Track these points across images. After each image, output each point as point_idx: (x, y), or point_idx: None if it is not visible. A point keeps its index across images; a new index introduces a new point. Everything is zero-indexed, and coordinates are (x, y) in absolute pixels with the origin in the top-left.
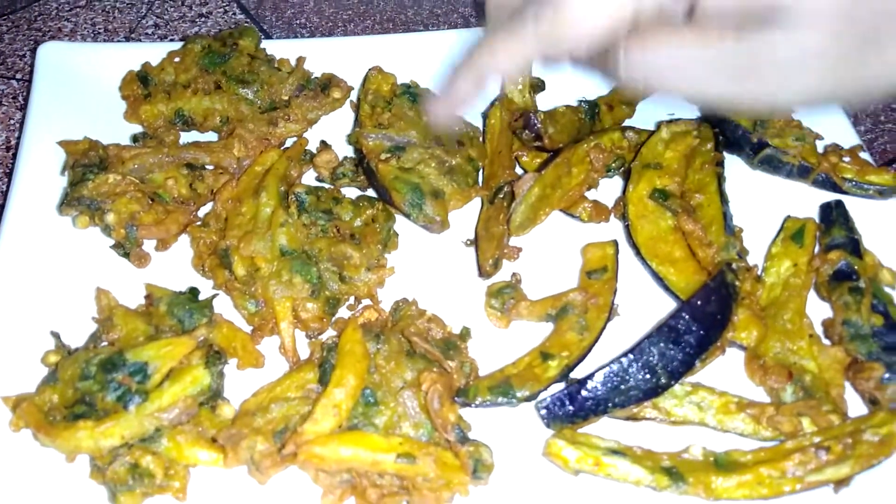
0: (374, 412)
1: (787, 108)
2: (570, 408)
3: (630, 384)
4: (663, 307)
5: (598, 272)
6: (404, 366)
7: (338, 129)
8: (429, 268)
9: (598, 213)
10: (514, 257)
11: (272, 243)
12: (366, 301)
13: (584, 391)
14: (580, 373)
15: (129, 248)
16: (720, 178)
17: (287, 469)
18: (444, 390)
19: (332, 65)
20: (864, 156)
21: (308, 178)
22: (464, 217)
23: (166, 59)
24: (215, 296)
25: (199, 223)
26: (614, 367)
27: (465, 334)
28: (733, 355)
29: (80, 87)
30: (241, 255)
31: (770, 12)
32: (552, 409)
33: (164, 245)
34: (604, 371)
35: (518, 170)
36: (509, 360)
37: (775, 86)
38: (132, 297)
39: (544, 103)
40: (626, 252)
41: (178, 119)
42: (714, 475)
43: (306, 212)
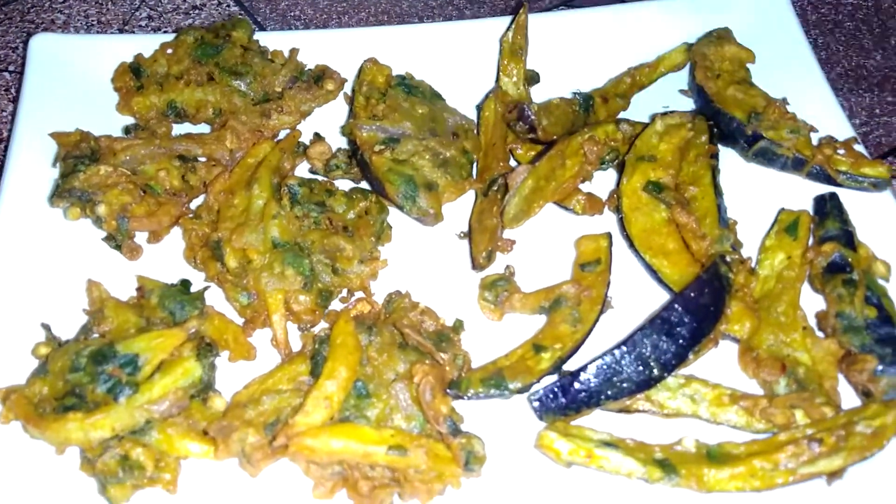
0: (366, 404)
1: None
2: (563, 400)
3: (623, 376)
4: (657, 300)
5: (592, 264)
6: (396, 358)
7: (331, 122)
8: (422, 260)
9: (592, 205)
10: (508, 250)
11: (264, 235)
12: (359, 293)
13: (576, 383)
14: (573, 365)
15: (120, 240)
16: (714, 171)
17: (278, 461)
18: (437, 382)
19: (327, 57)
20: (859, 148)
21: (301, 171)
22: (458, 209)
23: (159, 50)
24: (207, 288)
25: (191, 215)
26: (607, 359)
27: (458, 327)
28: (726, 348)
29: (72, 79)
30: (232, 248)
31: None
32: (545, 401)
33: (155, 237)
34: (596, 363)
35: (512, 162)
36: (502, 352)
37: None
38: (124, 290)
39: (539, 95)
40: (619, 244)
41: (170, 111)
42: (707, 467)
43: (299, 204)
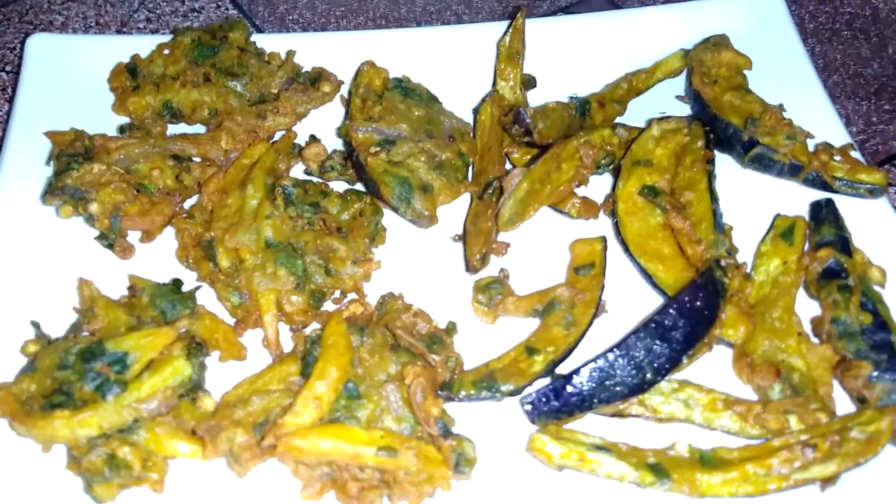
0: (356, 405)
1: None
2: (555, 403)
3: (616, 380)
4: (651, 304)
5: (586, 268)
6: (388, 359)
7: (327, 124)
8: (416, 262)
9: (588, 209)
10: (502, 253)
11: (258, 235)
12: (352, 295)
13: (569, 387)
14: (566, 368)
15: (112, 239)
16: (710, 176)
17: (267, 462)
18: (428, 384)
19: (324, 60)
20: (855, 154)
21: (297, 172)
22: (452, 212)
23: (155, 50)
24: (198, 287)
25: (184, 215)
26: (600, 362)
27: (451, 329)
28: (721, 353)
29: (69, 79)
30: (225, 247)
31: None
32: (537, 404)
33: (148, 236)
34: (589, 367)
35: (508, 165)
36: (495, 355)
37: None
38: (115, 288)
39: (535, 99)
40: (614, 248)
41: (166, 111)
42: (699, 472)
43: (293, 204)
